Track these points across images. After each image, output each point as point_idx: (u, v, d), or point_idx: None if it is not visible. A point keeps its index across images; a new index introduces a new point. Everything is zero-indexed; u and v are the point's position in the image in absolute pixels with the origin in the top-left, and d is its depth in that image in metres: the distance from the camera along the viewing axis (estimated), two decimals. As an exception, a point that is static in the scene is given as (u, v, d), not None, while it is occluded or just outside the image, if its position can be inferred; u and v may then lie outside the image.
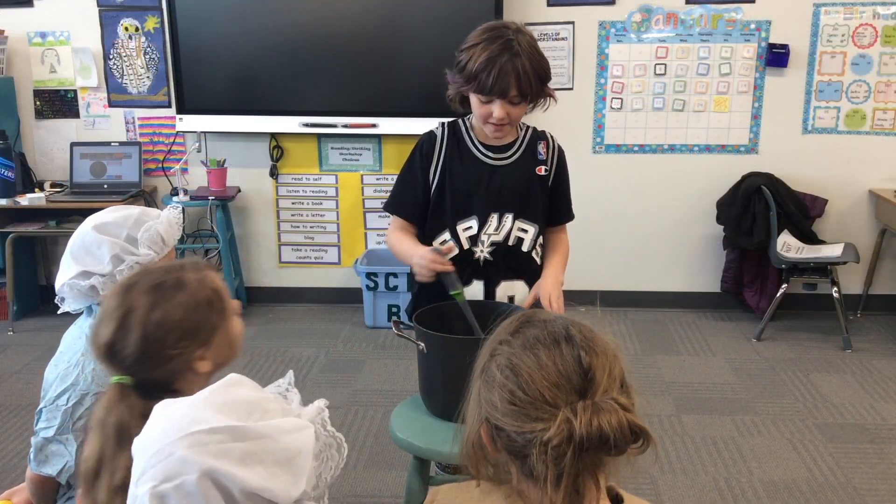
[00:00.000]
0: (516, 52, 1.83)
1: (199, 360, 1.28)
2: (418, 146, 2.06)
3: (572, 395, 0.96)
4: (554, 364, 0.98)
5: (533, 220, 2.03)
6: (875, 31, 4.14)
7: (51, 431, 1.59)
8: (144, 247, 1.65)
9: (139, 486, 0.92)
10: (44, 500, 1.67)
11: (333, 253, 4.64)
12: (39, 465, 1.60)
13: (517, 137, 2.05)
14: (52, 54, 4.48)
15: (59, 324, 4.30)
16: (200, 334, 1.27)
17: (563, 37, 4.24)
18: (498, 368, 1.01)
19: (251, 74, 4.27)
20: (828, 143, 4.29)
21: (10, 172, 4.17)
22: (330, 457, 1.03)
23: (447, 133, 2.04)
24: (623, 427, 0.93)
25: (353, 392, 3.53)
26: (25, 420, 3.30)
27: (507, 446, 0.99)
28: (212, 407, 0.95)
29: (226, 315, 1.32)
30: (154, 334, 1.22)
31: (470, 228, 2.01)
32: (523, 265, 2.05)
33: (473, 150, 2.02)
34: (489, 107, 1.89)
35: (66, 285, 1.64)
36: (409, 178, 2.05)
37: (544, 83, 1.91)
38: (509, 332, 1.05)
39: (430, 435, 1.76)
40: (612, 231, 4.45)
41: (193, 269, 1.31)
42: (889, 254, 4.41)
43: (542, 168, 2.05)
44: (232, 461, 0.91)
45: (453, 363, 1.75)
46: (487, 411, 1.00)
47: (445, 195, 2.01)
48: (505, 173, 2.01)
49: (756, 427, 3.19)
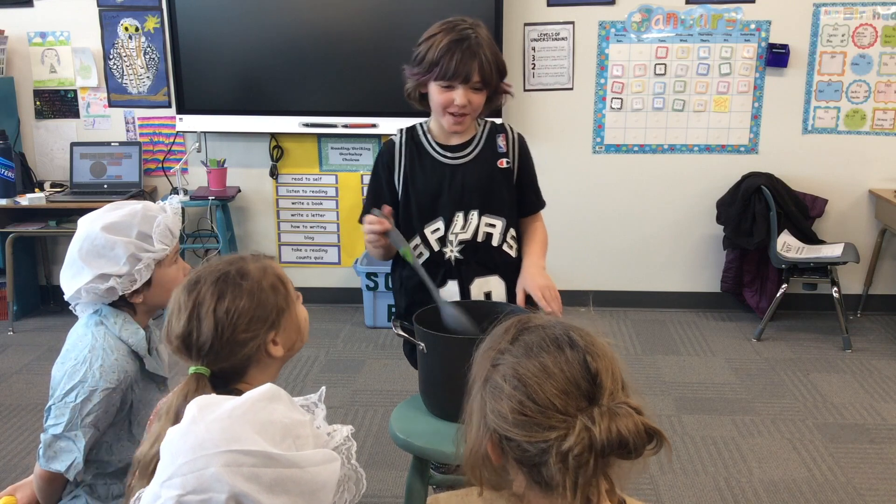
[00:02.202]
0: (477, 41, 1.88)
1: (272, 344, 1.33)
2: (379, 156, 2.08)
3: (581, 400, 0.96)
4: (561, 371, 0.97)
5: (499, 213, 2.03)
6: (875, 31, 4.14)
7: (59, 428, 1.59)
8: (158, 242, 1.66)
9: (165, 487, 0.92)
10: (51, 496, 1.67)
11: (333, 253, 4.64)
12: (48, 462, 1.60)
13: (475, 134, 2.04)
14: (52, 54, 4.48)
15: (59, 324, 4.34)
16: (269, 317, 1.32)
17: (563, 37, 4.24)
18: (503, 379, 0.99)
19: (251, 74, 4.27)
20: (828, 143, 4.29)
21: (10, 172, 4.17)
22: (347, 489, 1.03)
23: (405, 139, 2.06)
24: (640, 430, 0.94)
25: (353, 392, 3.53)
26: (26, 420, 3.30)
27: (518, 456, 0.98)
28: (250, 425, 0.95)
29: (290, 300, 1.39)
30: (225, 321, 1.27)
31: (437, 230, 2.01)
32: (495, 260, 2.04)
33: (432, 152, 2.03)
34: (450, 94, 1.91)
35: (83, 290, 1.63)
36: (375, 188, 2.08)
37: (502, 76, 1.93)
38: (508, 340, 1.03)
39: (429, 435, 1.76)
40: (612, 231, 4.45)
41: (254, 260, 1.37)
42: (889, 254, 4.41)
43: (503, 161, 2.04)
44: (261, 487, 0.91)
45: (453, 363, 1.75)
46: (495, 423, 0.99)
47: (410, 201, 2.02)
48: (465, 171, 2.01)
49: (756, 427, 3.19)
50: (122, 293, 1.65)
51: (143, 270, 1.64)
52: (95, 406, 1.59)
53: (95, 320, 1.68)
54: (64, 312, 4.73)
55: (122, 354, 1.65)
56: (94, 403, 1.59)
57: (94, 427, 1.60)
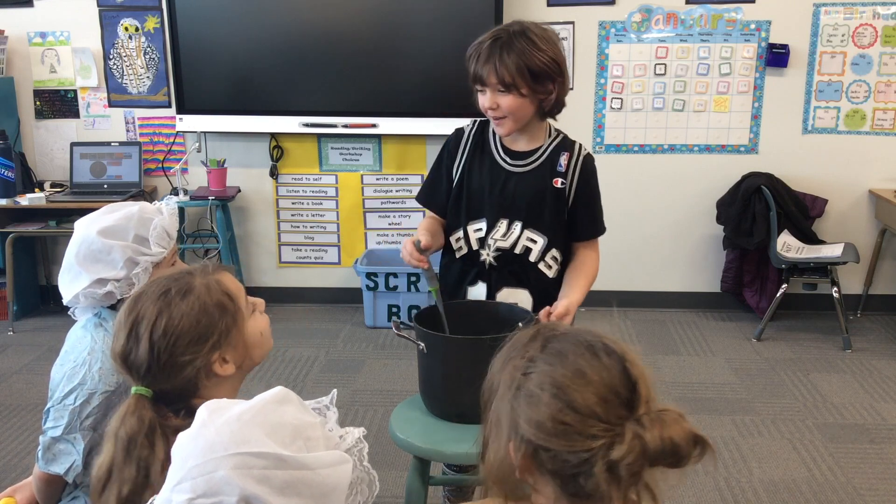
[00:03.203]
0: (503, 42, 1.85)
1: (219, 363, 1.28)
2: (448, 141, 2.08)
3: (620, 409, 0.94)
4: (600, 377, 0.95)
5: (543, 231, 1.99)
6: (875, 31, 4.14)
7: (58, 431, 1.58)
8: (155, 245, 1.65)
9: (175, 492, 0.91)
10: (50, 497, 1.67)
11: (333, 253, 4.64)
12: (47, 464, 1.60)
13: (541, 145, 2.00)
14: (52, 54, 4.48)
15: (59, 324, 4.34)
16: (210, 338, 1.26)
17: (563, 37, 4.22)
18: (539, 387, 0.96)
19: (251, 74, 4.27)
20: (828, 143, 4.29)
21: (10, 172, 4.17)
22: (360, 491, 1.02)
23: (475, 132, 2.05)
24: (689, 437, 0.92)
25: (353, 392, 3.53)
26: (25, 420, 3.30)
27: (555, 468, 0.95)
28: (260, 427, 0.94)
29: (240, 316, 1.32)
30: (161, 343, 1.23)
31: (480, 230, 2.00)
32: (529, 275, 2.01)
33: (494, 153, 2.02)
34: (483, 97, 1.91)
35: (81, 295, 1.63)
36: (437, 172, 2.09)
37: (537, 77, 1.86)
38: (537, 348, 1.00)
39: (430, 435, 1.76)
40: (612, 231, 4.38)
41: (202, 274, 1.31)
42: (889, 254, 4.41)
43: (559, 180, 1.98)
44: (272, 489, 0.91)
45: (453, 363, 1.76)
46: (530, 433, 0.95)
47: (463, 194, 2.02)
48: (519, 181, 1.98)
49: (756, 427, 3.19)
50: (120, 297, 1.64)
51: (140, 274, 1.63)
52: (95, 409, 1.58)
53: (95, 322, 1.67)
54: (64, 312, 4.69)
55: None
56: (94, 406, 1.58)
57: (93, 430, 1.60)
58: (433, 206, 2.10)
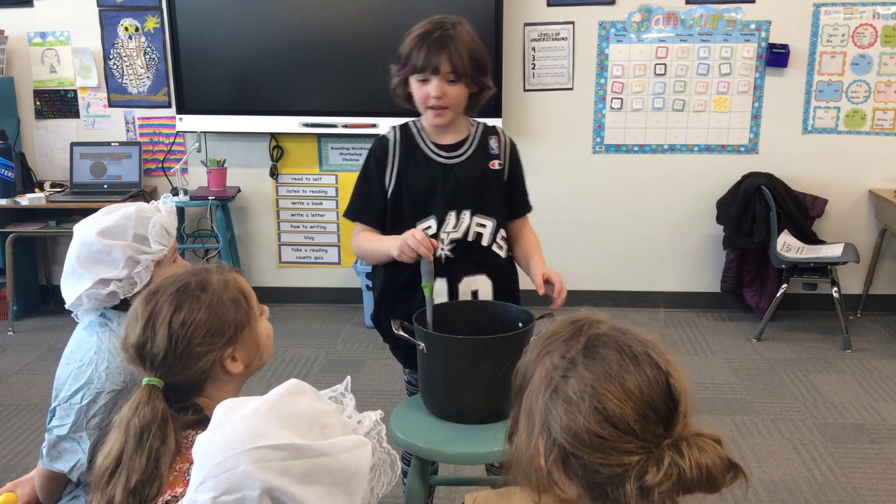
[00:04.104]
0: (449, 34, 1.89)
1: (229, 360, 1.31)
2: (371, 152, 2.06)
3: (658, 426, 0.92)
4: (640, 392, 0.92)
5: (490, 214, 2.03)
6: (875, 31, 4.14)
7: (64, 429, 1.59)
8: (155, 243, 1.66)
9: (199, 492, 0.93)
10: (52, 495, 1.67)
11: (333, 253, 4.64)
12: (52, 461, 1.60)
13: (468, 135, 2.05)
14: (52, 54, 4.48)
15: (59, 324, 4.34)
16: (226, 332, 1.30)
17: (563, 37, 4.24)
18: (579, 395, 0.93)
19: (251, 74, 4.27)
20: (828, 143, 4.29)
21: (10, 172, 4.17)
22: (383, 472, 1.03)
23: (399, 136, 2.05)
24: (725, 465, 0.90)
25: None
26: (25, 420, 3.30)
27: (584, 475, 0.93)
28: (276, 419, 0.96)
29: (252, 315, 1.36)
30: (180, 332, 1.26)
31: (429, 228, 2.00)
32: (485, 259, 2.04)
33: (426, 150, 2.03)
34: (426, 87, 1.91)
35: (84, 297, 1.63)
36: (367, 184, 2.06)
37: (482, 70, 1.93)
38: (579, 350, 0.97)
39: (430, 435, 1.75)
40: (612, 231, 4.45)
41: (218, 272, 1.35)
42: (889, 254, 4.41)
43: (495, 162, 2.04)
44: (293, 479, 0.92)
45: (453, 363, 1.76)
46: (564, 438, 0.93)
47: (402, 198, 2.01)
48: (459, 171, 2.01)
49: (756, 427, 3.19)
50: (123, 296, 1.65)
51: (142, 273, 1.64)
52: (101, 408, 1.58)
53: (100, 321, 1.68)
54: (64, 312, 4.69)
55: None
56: (100, 405, 1.58)
57: (98, 429, 1.60)
58: (369, 218, 2.04)
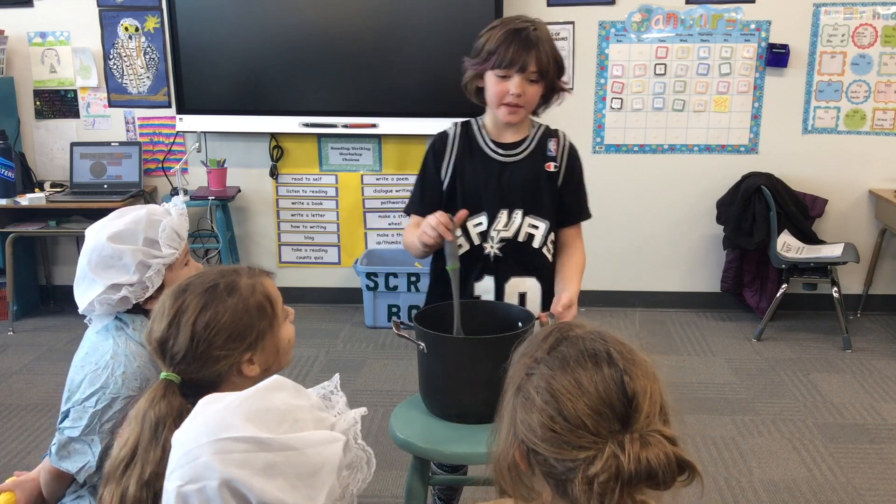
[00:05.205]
0: (535, 34, 1.89)
1: (247, 364, 1.32)
2: (431, 145, 2.07)
3: (615, 423, 0.93)
4: (595, 389, 0.94)
5: (543, 216, 2.03)
6: (875, 31, 4.14)
7: (77, 431, 1.58)
8: (166, 247, 1.65)
9: (169, 481, 0.96)
10: (56, 491, 1.66)
11: (333, 253, 4.64)
12: (61, 460, 1.60)
13: (528, 135, 2.04)
14: (52, 54, 4.48)
15: (59, 324, 4.34)
16: (248, 338, 1.31)
17: (563, 37, 4.24)
18: (536, 391, 0.96)
19: (251, 74, 4.27)
20: (828, 143, 4.29)
21: (10, 172, 4.17)
22: (359, 469, 1.04)
23: (460, 132, 2.05)
24: (671, 462, 0.91)
25: (353, 392, 3.53)
26: (26, 420, 3.30)
27: (545, 470, 0.96)
28: (243, 413, 0.98)
29: (276, 322, 1.36)
30: (202, 334, 1.27)
31: (480, 224, 2.01)
32: (534, 261, 2.04)
33: (484, 147, 2.03)
34: (506, 84, 1.90)
35: (96, 302, 1.62)
36: (425, 178, 2.08)
37: (560, 73, 1.94)
38: (545, 349, 1.00)
39: (430, 435, 1.76)
40: (612, 231, 4.45)
41: (248, 275, 1.36)
42: (889, 254, 4.41)
43: (551, 164, 2.03)
44: (254, 471, 0.94)
45: (453, 363, 1.76)
46: (524, 434, 0.97)
47: (456, 192, 2.02)
48: (514, 170, 2.01)
49: (756, 427, 3.19)
50: (135, 301, 1.64)
51: (153, 277, 1.63)
52: (116, 413, 1.58)
53: (116, 325, 1.66)
54: (64, 312, 4.73)
55: (144, 361, 1.63)
56: (115, 410, 1.58)
57: (111, 433, 1.60)
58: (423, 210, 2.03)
